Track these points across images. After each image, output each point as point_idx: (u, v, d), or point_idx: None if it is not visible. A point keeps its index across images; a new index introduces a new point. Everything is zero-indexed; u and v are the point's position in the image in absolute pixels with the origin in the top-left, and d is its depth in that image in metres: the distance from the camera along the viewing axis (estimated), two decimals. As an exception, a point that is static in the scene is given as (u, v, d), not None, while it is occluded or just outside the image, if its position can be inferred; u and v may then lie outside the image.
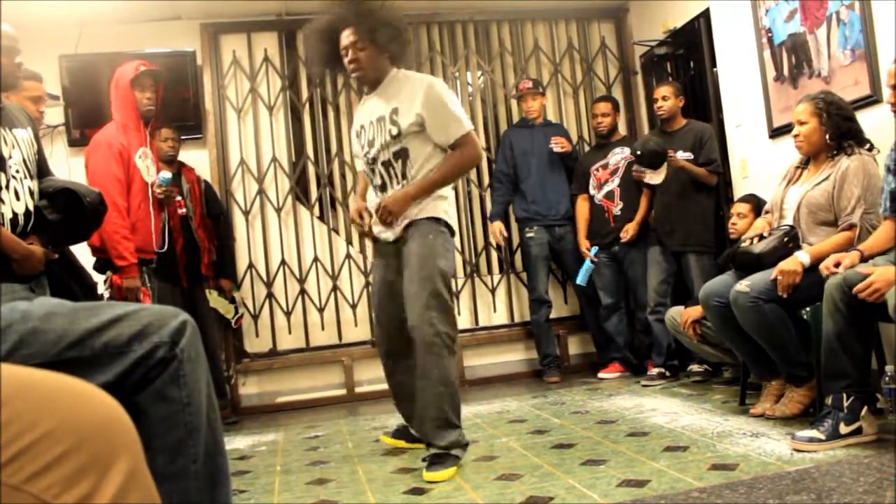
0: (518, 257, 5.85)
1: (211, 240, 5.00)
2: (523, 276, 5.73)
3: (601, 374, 5.29)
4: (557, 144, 5.40)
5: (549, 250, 5.45)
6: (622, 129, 5.71)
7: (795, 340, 3.31)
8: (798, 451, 2.90)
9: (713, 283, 3.72)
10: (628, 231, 5.12)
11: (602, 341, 5.43)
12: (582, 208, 5.39)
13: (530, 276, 5.51)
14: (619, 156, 5.30)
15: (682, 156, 4.74)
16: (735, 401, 3.93)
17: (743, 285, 3.40)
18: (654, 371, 4.90)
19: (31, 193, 2.50)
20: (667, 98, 4.91)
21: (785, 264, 3.30)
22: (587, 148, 5.89)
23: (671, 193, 4.86)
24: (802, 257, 3.30)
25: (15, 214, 2.06)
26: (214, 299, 4.98)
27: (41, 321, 1.40)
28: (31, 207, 2.50)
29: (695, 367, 4.68)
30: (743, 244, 3.66)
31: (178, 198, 4.90)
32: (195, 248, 4.80)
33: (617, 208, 5.23)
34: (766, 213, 3.83)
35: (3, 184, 2.43)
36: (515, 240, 5.83)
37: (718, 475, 2.68)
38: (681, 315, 4.20)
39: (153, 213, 3.97)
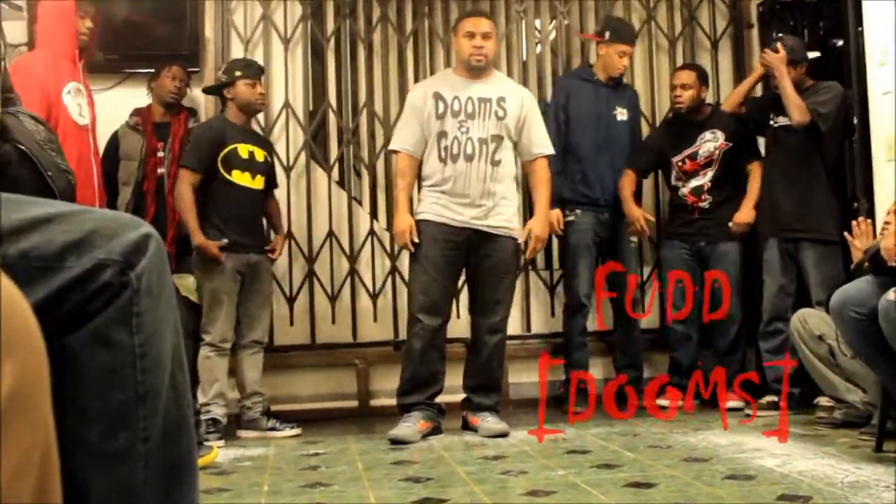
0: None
1: None
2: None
3: (659, 401, 5.03)
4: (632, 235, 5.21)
5: (595, 241, 5.15)
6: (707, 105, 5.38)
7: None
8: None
9: (849, 290, 3.45)
10: (741, 219, 4.93)
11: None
12: (627, 182, 5.16)
13: (567, 274, 5.24)
14: (711, 144, 5.10)
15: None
16: (869, 446, 3.61)
17: (894, 294, 3.11)
18: (766, 399, 4.65)
19: None
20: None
21: None
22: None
23: (779, 167, 4.78)
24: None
25: None
26: (183, 284, 4.65)
27: None
28: None
29: (823, 401, 4.33)
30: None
31: (160, 153, 4.77)
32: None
33: (705, 203, 5.07)
34: None
35: None
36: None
37: (859, 535, 2.39)
38: None
39: (94, 163, 3.83)
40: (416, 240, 4.37)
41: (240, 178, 4.56)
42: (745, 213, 4.99)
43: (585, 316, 5.14)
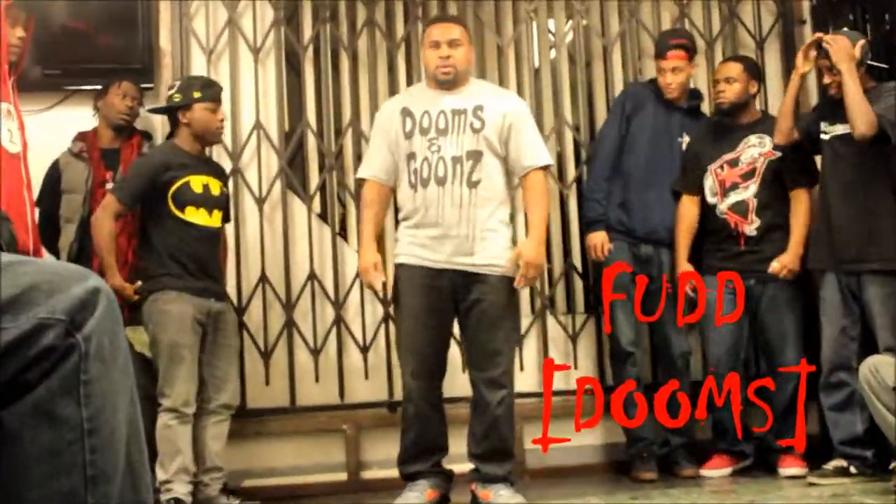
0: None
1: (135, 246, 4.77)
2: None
3: (704, 471, 5.06)
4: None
5: (632, 279, 5.13)
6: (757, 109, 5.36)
7: None
8: None
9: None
10: (784, 265, 4.87)
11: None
12: (688, 211, 5.15)
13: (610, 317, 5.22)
14: (755, 149, 5.06)
15: None
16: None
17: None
18: (832, 465, 4.58)
19: None
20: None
21: None
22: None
23: (836, 186, 4.69)
24: None
25: None
26: (137, 338, 4.61)
27: None
28: None
29: None
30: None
31: (109, 185, 4.76)
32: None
33: (751, 227, 5.01)
34: None
35: None
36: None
37: None
38: None
39: (27, 198, 3.84)
40: (384, 278, 4.52)
41: (194, 215, 4.53)
42: (790, 256, 4.91)
43: (635, 364, 5.14)
